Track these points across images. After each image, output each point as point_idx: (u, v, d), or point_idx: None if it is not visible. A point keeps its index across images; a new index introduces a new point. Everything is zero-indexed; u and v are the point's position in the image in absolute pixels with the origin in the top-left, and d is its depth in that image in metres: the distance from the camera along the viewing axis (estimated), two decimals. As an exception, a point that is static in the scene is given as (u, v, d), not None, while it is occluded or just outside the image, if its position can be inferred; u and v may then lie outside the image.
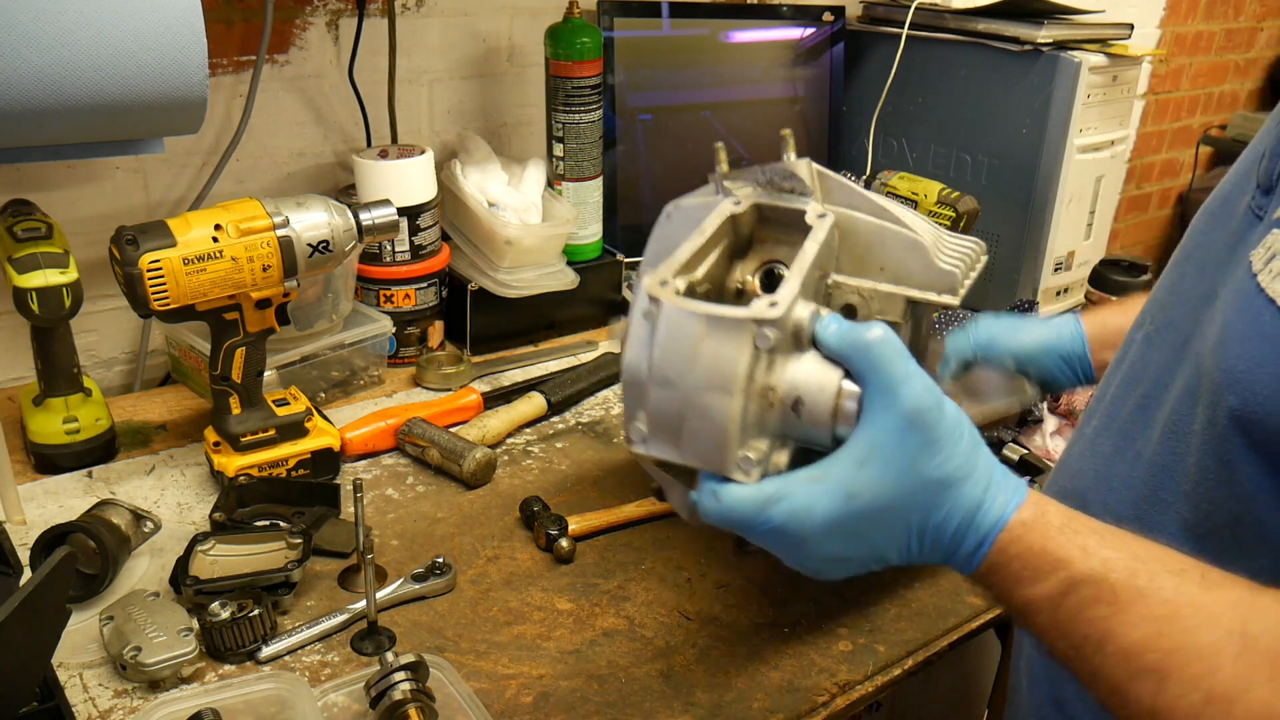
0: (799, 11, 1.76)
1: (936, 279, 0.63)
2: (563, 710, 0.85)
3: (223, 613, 0.87)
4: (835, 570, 0.60)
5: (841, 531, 0.56)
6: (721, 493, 0.56)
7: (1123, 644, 0.51)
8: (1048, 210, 1.58)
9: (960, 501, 0.56)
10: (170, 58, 0.97)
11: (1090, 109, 1.54)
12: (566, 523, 1.06)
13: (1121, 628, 0.51)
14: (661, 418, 0.57)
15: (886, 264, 0.65)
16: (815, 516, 0.55)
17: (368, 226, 1.10)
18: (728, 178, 0.68)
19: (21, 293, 1.04)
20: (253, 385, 1.10)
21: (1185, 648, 0.49)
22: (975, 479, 0.57)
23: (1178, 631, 0.50)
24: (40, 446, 1.13)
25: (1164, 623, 0.50)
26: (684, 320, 0.56)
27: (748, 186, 0.68)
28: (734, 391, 0.55)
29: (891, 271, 0.65)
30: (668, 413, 0.57)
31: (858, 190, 0.67)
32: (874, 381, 0.56)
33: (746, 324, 0.55)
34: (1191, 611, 0.50)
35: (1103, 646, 0.52)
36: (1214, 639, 0.49)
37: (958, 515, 0.56)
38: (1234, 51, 3.06)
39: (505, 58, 1.62)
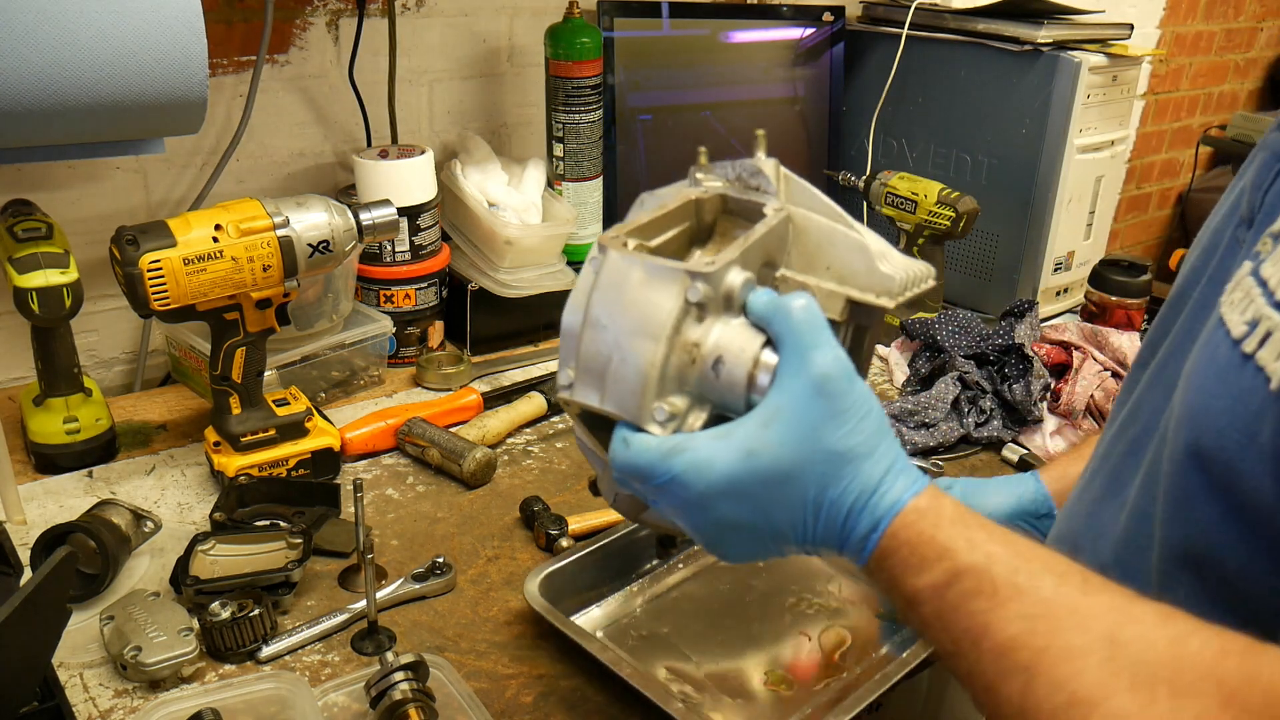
0: (799, 11, 1.76)
1: (877, 282, 0.65)
2: (563, 710, 0.85)
3: (223, 613, 0.87)
4: (735, 543, 0.60)
5: (738, 493, 0.57)
6: (631, 440, 0.58)
7: (998, 639, 0.51)
8: (1048, 210, 1.58)
9: (858, 479, 0.57)
10: (170, 58, 0.97)
11: (1090, 109, 1.54)
12: (566, 522, 1.06)
13: (998, 623, 0.51)
14: (590, 360, 0.59)
15: (833, 264, 0.67)
16: (714, 470, 0.56)
17: (368, 226, 1.10)
18: (701, 169, 0.70)
19: (22, 293, 1.04)
20: (253, 385, 1.10)
21: (1055, 648, 0.49)
22: (876, 459, 0.57)
23: (1050, 631, 0.50)
24: (40, 446, 1.13)
25: (1038, 621, 0.50)
26: (624, 265, 0.59)
27: (718, 180, 0.70)
28: (660, 338, 0.57)
29: (836, 271, 0.67)
30: (596, 354, 0.59)
31: (817, 194, 0.70)
32: (788, 344, 0.57)
33: (680, 274, 0.57)
34: (1067, 613, 0.50)
35: (979, 641, 0.52)
36: (1084, 642, 0.49)
37: (853, 493, 0.57)
38: (1234, 51, 3.06)
39: (505, 58, 1.62)
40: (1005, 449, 1.25)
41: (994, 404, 1.28)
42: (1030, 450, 1.24)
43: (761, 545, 0.60)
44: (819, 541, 0.58)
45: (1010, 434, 1.27)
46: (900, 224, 1.52)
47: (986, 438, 1.27)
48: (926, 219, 1.48)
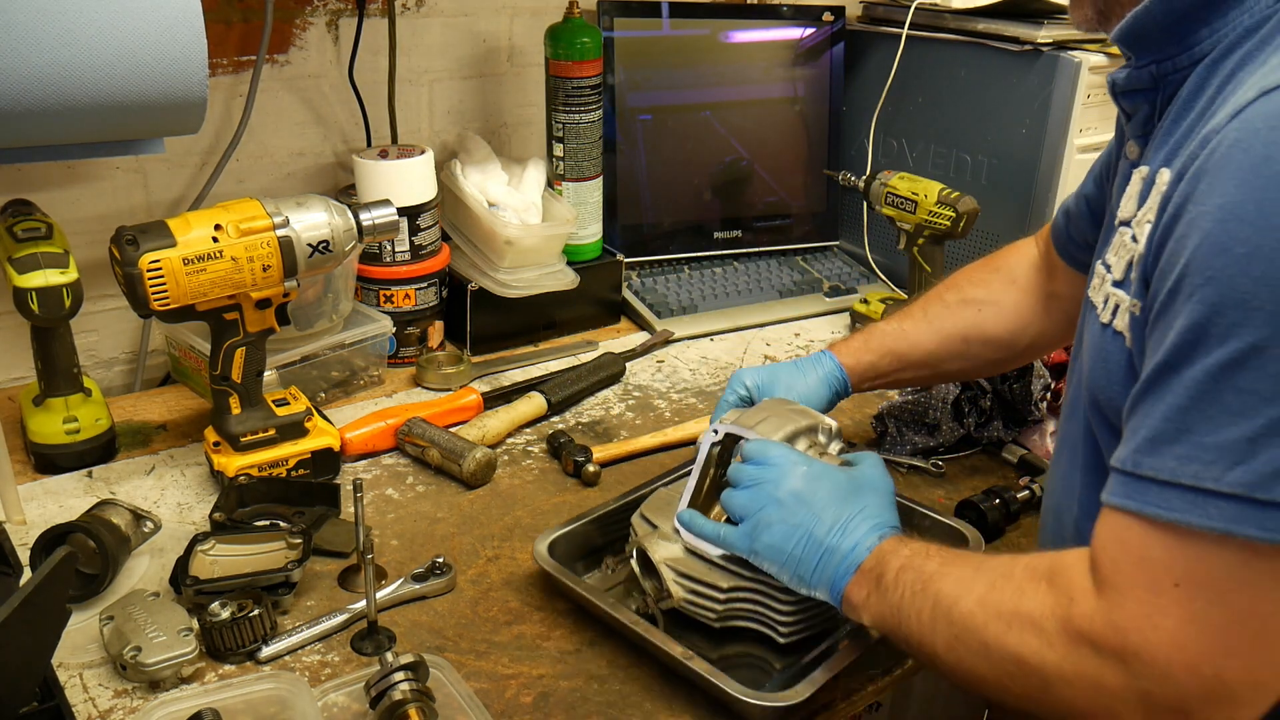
0: (799, 11, 1.76)
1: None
2: (563, 710, 0.85)
3: (223, 613, 0.87)
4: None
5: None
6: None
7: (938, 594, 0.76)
8: (1048, 210, 1.58)
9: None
10: (170, 58, 0.97)
11: (1090, 109, 1.54)
12: (591, 451, 1.19)
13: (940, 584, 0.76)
14: None
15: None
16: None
17: (368, 226, 1.10)
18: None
19: (21, 293, 1.04)
20: (253, 385, 1.10)
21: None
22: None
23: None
24: (40, 446, 1.13)
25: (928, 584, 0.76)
26: None
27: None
28: None
29: None
30: None
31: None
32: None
33: None
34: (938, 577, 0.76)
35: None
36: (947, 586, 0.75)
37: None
38: (1234, 51, 3.05)
39: (505, 58, 1.62)
40: (1005, 449, 1.25)
41: (994, 404, 1.28)
42: (1030, 450, 1.24)
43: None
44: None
45: (1010, 434, 1.27)
46: (900, 224, 1.52)
47: (987, 438, 1.26)
48: (926, 219, 1.48)
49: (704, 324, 1.58)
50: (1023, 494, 1.13)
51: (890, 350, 1.11)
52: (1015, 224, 1.61)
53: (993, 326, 1.10)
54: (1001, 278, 1.11)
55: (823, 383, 1.09)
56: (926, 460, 1.23)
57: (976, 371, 1.17)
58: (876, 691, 0.91)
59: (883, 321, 1.16)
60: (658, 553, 0.92)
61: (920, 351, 1.11)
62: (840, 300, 1.68)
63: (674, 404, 1.36)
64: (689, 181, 1.73)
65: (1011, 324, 1.09)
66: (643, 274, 1.68)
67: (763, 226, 1.79)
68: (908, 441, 1.25)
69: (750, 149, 1.76)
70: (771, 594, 0.89)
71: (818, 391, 1.08)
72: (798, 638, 0.91)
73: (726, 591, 0.89)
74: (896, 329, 1.13)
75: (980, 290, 1.11)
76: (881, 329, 1.14)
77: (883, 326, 1.14)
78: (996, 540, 1.10)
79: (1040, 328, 1.09)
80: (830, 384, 1.10)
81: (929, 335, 1.11)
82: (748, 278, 1.70)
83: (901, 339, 1.12)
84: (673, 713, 0.85)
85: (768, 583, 0.88)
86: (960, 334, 1.10)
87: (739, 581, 0.89)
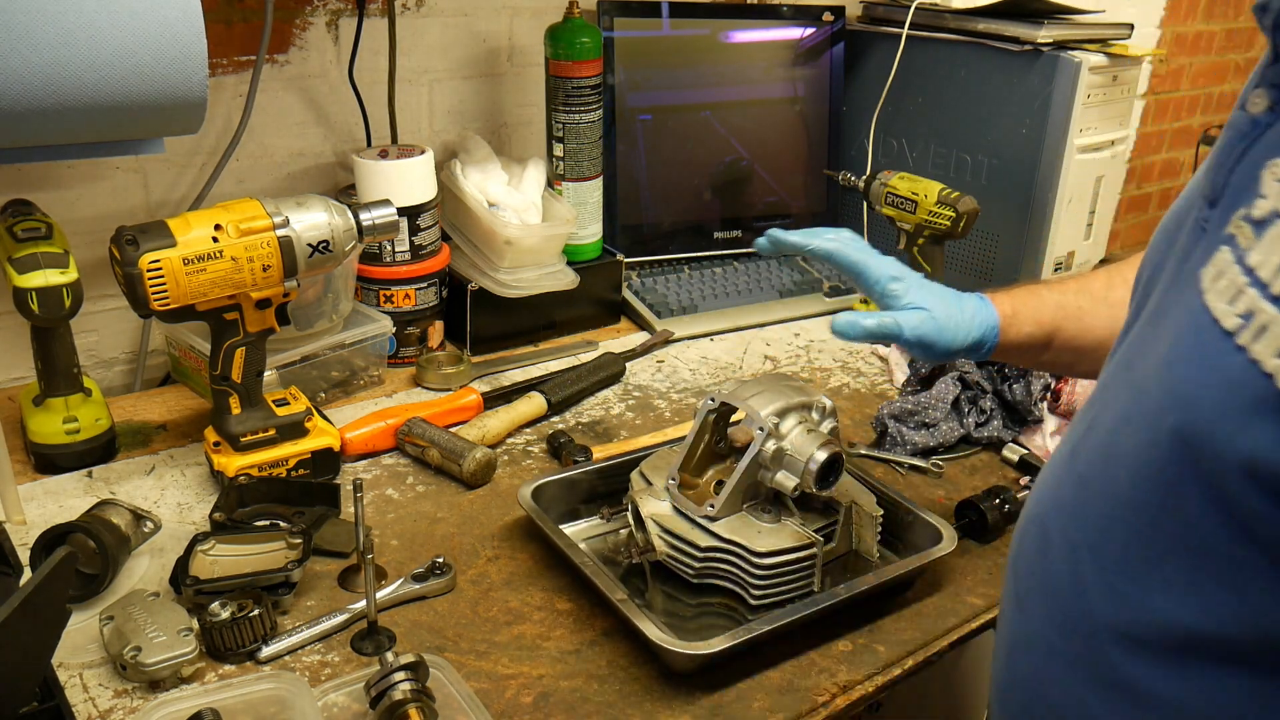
0: (799, 11, 1.76)
1: None
2: (563, 710, 0.85)
3: (223, 613, 0.87)
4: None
5: None
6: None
7: None
8: (1048, 210, 1.58)
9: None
10: (170, 58, 0.97)
11: (1090, 109, 1.54)
12: (591, 451, 1.19)
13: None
14: None
15: None
16: None
17: (368, 226, 1.10)
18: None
19: (21, 293, 1.04)
20: (253, 385, 1.10)
21: None
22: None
23: None
24: (40, 446, 1.13)
25: None
26: None
27: None
28: None
29: None
30: None
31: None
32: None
33: None
34: None
35: None
36: None
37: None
38: (1234, 51, 3.06)
39: (505, 58, 1.62)
40: (1005, 449, 1.25)
41: (994, 404, 1.28)
42: (1030, 450, 1.24)
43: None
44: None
45: (1010, 434, 1.27)
46: (900, 224, 1.52)
47: (986, 438, 1.27)
48: (926, 219, 1.48)
49: (704, 324, 1.58)
50: (1022, 494, 1.13)
51: (1058, 328, 0.94)
52: (1015, 224, 1.61)
53: None
54: None
55: (974, 329, 0.93)
56: (926, 460, 1.23)
57: None
58: (876, 691, 0.91)
59: (1052, 287, 0.96)
60: (646, 508, 1.00)
61: (1089, 339, 0.93)
62: (840, 300, 1.68)
63: (674, 404, 1.36)
64: (689, 181, 1.73)
65: None
66: (643, 274, 1.68)
67: (763, 226, 1.77)
68: (908, 441, 1.25)
69: (750, 149, 1.76)
70: (744, 557, 0.95)
71: (964, 335, 0.93)
72: (768, 601, 0.96)
73: (704, 550, 0.96)
74: (1073, 305, 0.94)
75: None
76: (1053, 299, 0.95)
77: (1054, 296, 0.95)
78: (996, 540, 1.11)
79: None
80: (979, 336, 0.94)
81: (1105, 322, 0.92)
82: (748, 278, 1.70)
83: (1074, 319, 0.93)
84: (672, 713, 0.85)
85: (743, 547, 0.95)
86: None
87: (715, 543, 0.96)
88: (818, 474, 0.96)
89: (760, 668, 0.90)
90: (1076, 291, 0.95)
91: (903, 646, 0.94)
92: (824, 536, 0.99)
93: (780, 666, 0.91)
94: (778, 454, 0.97)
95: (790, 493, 0.96)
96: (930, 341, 0.91)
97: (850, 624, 0.96)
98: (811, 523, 0.99)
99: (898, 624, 0.97)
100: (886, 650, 0.94)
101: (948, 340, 0.91)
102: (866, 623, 0.97)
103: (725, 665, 0.90)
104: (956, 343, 0.92)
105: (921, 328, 0.91)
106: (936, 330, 0.91)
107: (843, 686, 0.89)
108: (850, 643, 0.94)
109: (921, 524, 1.04)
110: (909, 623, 0.97)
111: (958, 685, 1.57)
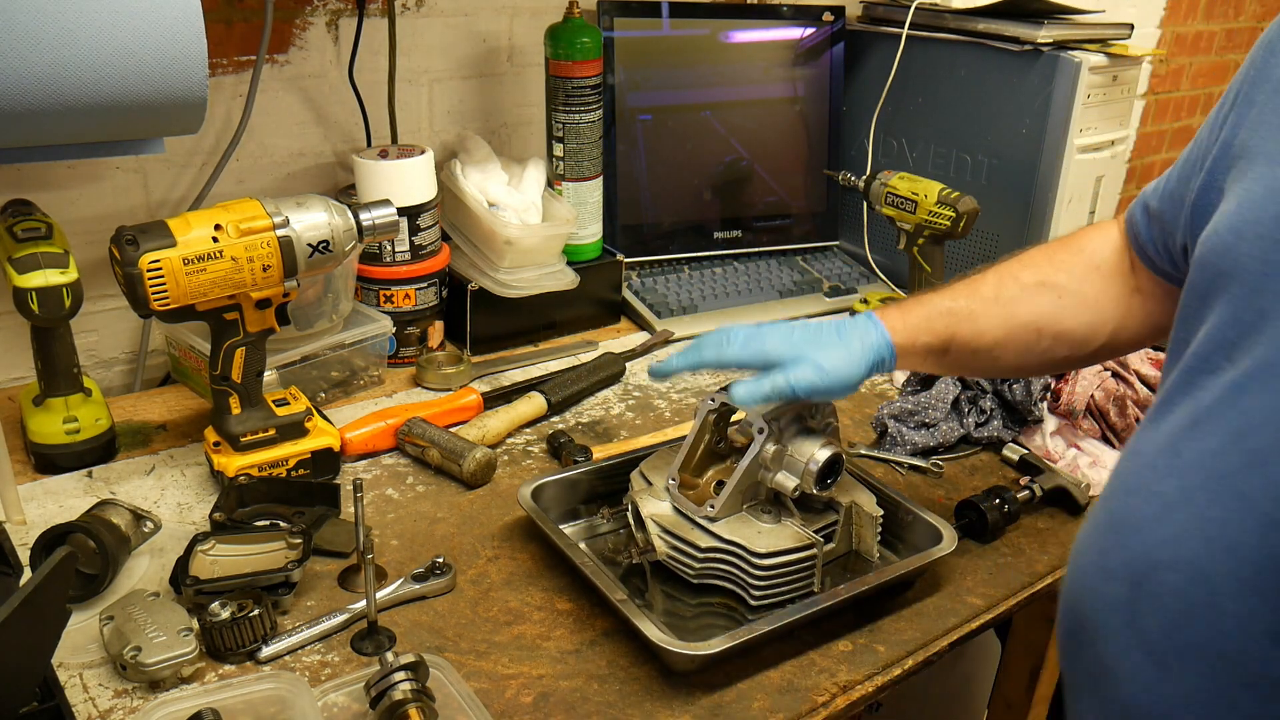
0: (799, 11, 1.76)
1: None
2: (563, 710, 0.85)
3: (223, 613, 0.87)
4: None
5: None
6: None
7: None
8: (1048, 210, 1.58)
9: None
10: (170, 58, 0.97)
11: (1090, 109, 1.54)
12: (591, 451, 1.19)
13: None
14: None
15: None
16: None
17: (368, 226, 1.10)
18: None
19: (21, 293, 1.04)
20: (253, 385, 1.10)
21: None
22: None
23: None
24: (40, 446, 1.13)
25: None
26: None
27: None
28: None
29: None
30: None
31: None
32: None
33: None
34: None
35: None
36: None
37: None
38: (1234, 51, 3.06)
39: (505, 58, 1.62)
40: (1005, 449, 1.25)
41: (994, 404, 1.28)
42: (1030, 450, 1.24)
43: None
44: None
45: (1010, 434, 1.27)
46: (900, 224, 1.52)
47: (986, 438, 1.27)
48: (926, 219, 1.48)
49: (704, 324, 1.58)
50: (1023, 494, 1.13)
51: (953, 335, 0.94)
52: (1015, 224, 1.61)
53: (1071, 319, 0.93)
54: (1085, 261, 0.94)
55: (864, 359, 0.93)
56: (926, 460, 1.23)
57: (1035, 369, 1.02)
58: (876, 691, 0.91)
59: (942, 293, 0.97)
60: (647, 508, 1.00)
61: (985, 340, 0.94)
62: (840, 300, 1.68)
63: (674, 404, 1.36)
64: (689, 181, 1.73)
65: (1091, 318, 0.93)
66: (643, 274, 1.68)
67: (763, 226, 1.79)
68: (908, 441, 1.25)
69: (750, 149, 1.76)
70: (744, 558, 0.95)
71: (855, 369, 0.93)
72: (768, 601, 0.95)
73: (704, 550, 0.96)
74: (964, 309, 0.95)
75: (1062, 275, 0.94)
76: (944, 306, 0.96)
77: (944, 302, 0.96)
78: (996, 540, 1.11)
79: (1118, 326, 0.93)
80: (873, 361, 0.94)
81: (998, 322, 0.94)
82: (748, 278, 1.70)
83: (967, 321, 0.94)
84: (672, 713, 0.85)
85: (743, 547, 0.94)
86: (1035, 324, 0.93)
87: (715, 543, 0.96)
88: (818, 474, 0.96)
89: (760, 668, 0.90)
90: (967, 296, 0.96)
91: (903, 646, 0.94)
92: (824, 537, 0.99)
93: (780, 666, 0.91)
94: (778, 454, 0.97)
95: (790, 493, 0.96)
96: (825, 388, 0.92)
97: (850, 624, 0.96)
98: (811, 523, 0.99)
99: (898, 624, 0.97)
100: (886, 650, 0.94)
101: (842, 379, 0.92)
102: (866, 623, 0.97)
103: (725, 665, 0.90)
104: (852, 378, 0.93)
105: (812, 380, 0.91)
106: (824, 376, 0.91)
107: (843, 686, 0.89)
108: (850, 643, 0.94)
109: (921, 524, 1.04)
110: (909, 623, 0.97)
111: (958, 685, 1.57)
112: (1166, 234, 0.85)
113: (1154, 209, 0.87)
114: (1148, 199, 0.88)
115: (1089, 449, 1.26)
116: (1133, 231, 0.91)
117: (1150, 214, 0.88)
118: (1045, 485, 1.16)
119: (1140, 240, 0.89)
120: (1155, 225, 0.87)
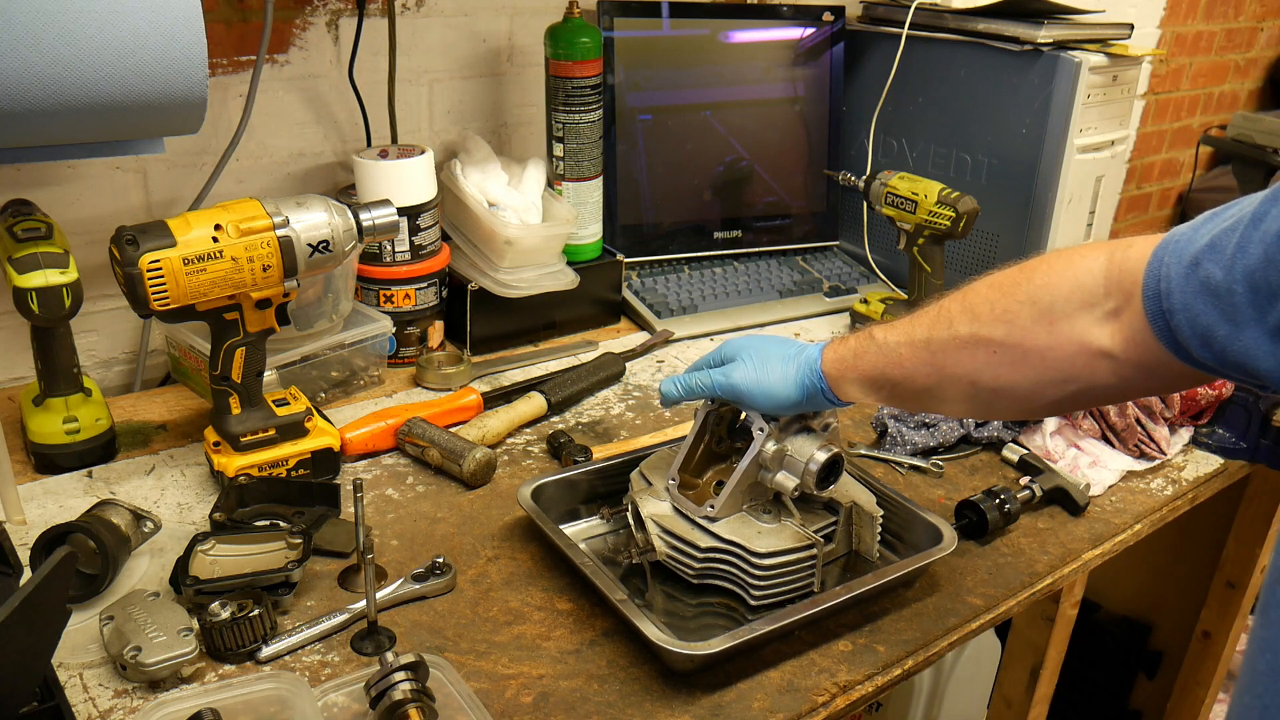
0: (799, 11, 1.76)
1: None
2: (563, 710, 0.85)
3: (223, 613, 0.87)
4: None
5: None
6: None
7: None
8: (1048, 210, 1.58)
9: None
10: (170, 58, 0.97)
11: (1090, 109, 1.54)
12: (591, 451, 1.20)
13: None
14: None
15: None
16: None
17: (368, 227, 1.10)
18: None
19: (21, 293, 1.04)
20: (253, 385, 1.10)
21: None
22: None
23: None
24: (40, 446, 1.13)
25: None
26: None
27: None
28: None
29: None
30: None
31: None
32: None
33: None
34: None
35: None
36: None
37: None
38: (1234, 51, 3.06)
39: (505, 58, 1.62)
40: (1005, 449, 1.25)
41: (994, 404, 1.28)
42: (1030, 450, 1.24)
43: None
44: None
45: (1010, 434, 1.27)
46: (900, 224, 1.52)
47: (986, 438, 1.27)
48: (926, 219, 1.48)
49: (704, 324, 1.58)
50: (1023, 494, 1.13)
51: (882, 373, 0.91)
52: (1015, 224, 1.61)
53: (1009, 377, 0.82)
54: (1034, 312, 0.80)
55: (796, 381, 0.95)
56: (926, 460, 1.23)
57: (986, 415, 1.01)
58: (876, 691, 0.91)
59: (882, 330, 0.92)
60: (647, 508, 1.00)
61: (917, 385, 0.89)
62: (840, 300, 1.68)
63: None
64: (689, 181, 1.73)
65: (1035, 378, 0.81)
66: (643, 274, 1.68)
67: (763, 226, 1.79)
68: (908, 441, 1.25)
69: (750, 149, 1.76)
70: (744, 558, 0.95)
71: (786, 389, 0.95)
72: (768, 601, 0.96)
73: (704, 550, 0.97)
74: (893, 352, 0.89)
75: (1000, 328, 0.82)
76: (879, 340, 0.91)
77: (883, 336, 0.91)
78: (996, 540, 1.11)
79: (1077, 387, 0.80)
80: (803, 385, 0.95)
81: (928, 370, 0.87)
82: (748, 278, 1.70)
83: (896, 366, 0.89)
84: (672, 713, 0.85)
85: (743, 547, 0.95)
86: (968, 378, 0.85)
87: (715, 543, 0.96)
88: (818, 474, 0.96)
89: (760, 668, 0.90)
90: (903, 332, 0.90)
91: (903, 646, 0.94)
92: (824, 537, 0.99)
93: (780, 666, 0.91)
94: (778, 454, 0.97)
95: (790, 493, 0.96)
96: (749, 397, 0.96)
97: (850, 624, 0.96)
98: (811, 523, 1.00)
99: (898, 624, 0.97)
100: (886, 650, 0.94)
101: (768, 392, 0.96)
102: (866, 623, 0.97)
103: (725, 665, 0.90)
104: (781, 396, 0.95)
105: (735, 384, 0.96)
106: (751, 386, 0.96)
107: (843, 686, 0.89)
108: (850, 643, 0.94)
109: (921, 524, 1.04)
110: (909, 623, 0.97)
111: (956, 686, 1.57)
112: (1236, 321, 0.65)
113: (1218, 282, 0.65)
114: (1205, 264, 0.66)
115: (1089, 449, 1.26)
116: (1153, 314, 0.71)
117: (1212, 288, 0.66)
118: (1045, 485, 1.16)
119: (1172, 321, 0.69)
120: (1216, 305, 0.66)
